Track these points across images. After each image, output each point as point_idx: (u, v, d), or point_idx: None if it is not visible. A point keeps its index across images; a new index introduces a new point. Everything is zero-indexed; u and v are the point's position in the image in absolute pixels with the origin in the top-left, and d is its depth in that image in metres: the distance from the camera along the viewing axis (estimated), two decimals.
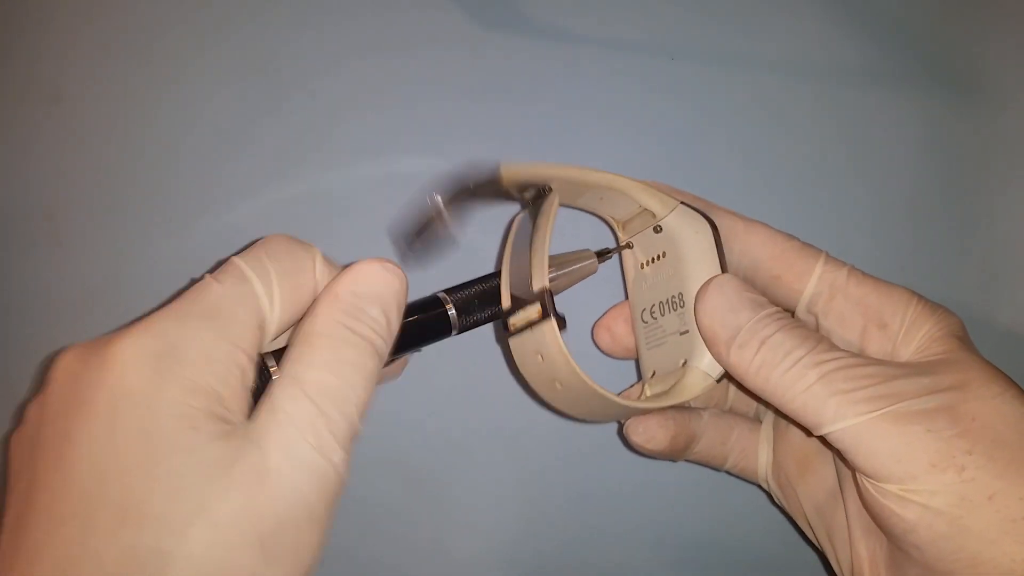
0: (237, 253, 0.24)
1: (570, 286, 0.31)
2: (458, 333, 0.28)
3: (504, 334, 0.27)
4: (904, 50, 0.40)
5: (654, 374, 0.31)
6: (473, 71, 0.38)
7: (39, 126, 0.37)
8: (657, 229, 0.31)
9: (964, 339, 0.27)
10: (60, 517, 0.19)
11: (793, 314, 0.29)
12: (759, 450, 0.32)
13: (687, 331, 0.30)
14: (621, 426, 0.33)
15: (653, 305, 0.32)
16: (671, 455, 0.32)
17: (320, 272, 0.24)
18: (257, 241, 0.24)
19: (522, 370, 0.28)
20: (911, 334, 0.27)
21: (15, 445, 0.21)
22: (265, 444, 0.20)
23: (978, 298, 0.38)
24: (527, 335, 0.27)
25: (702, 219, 0.30)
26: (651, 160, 0.38)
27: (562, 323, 0.26)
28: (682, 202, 0.30)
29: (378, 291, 0.23)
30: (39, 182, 0.37)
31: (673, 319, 0.31)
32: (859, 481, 0.25)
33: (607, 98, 0.38)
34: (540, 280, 0.26)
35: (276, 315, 0.23)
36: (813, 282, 0.28)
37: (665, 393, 0.30)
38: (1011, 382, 0.25)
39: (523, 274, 0.27)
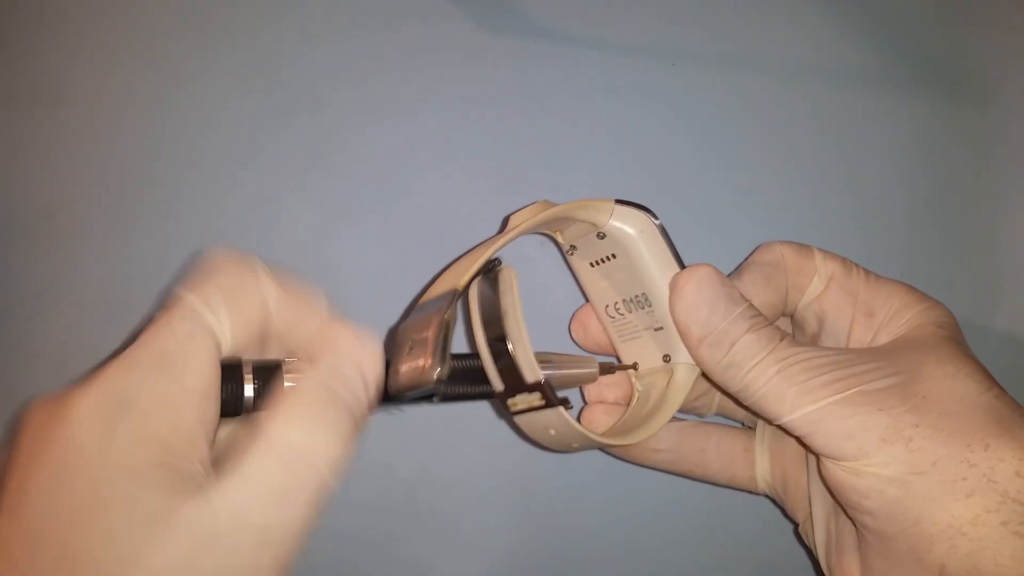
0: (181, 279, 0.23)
1: (564, 388, 0.30)
2: (439, 402, 0.27)
3: (505, 413, 0.28)
4: (904, 54, 0.40)
5: (638, 367, 0.32)
6: (478, 79, 0.38)
7: (40, 127, 0.38)
8: (600, 236, 0.31)
9: (946, 327, 0.28)
10: (9, 562, 0.20)
11: (795, 311, 0.30)
12: (756, 455, 0.33)
13: (661, 327, 0.30)
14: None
15: (616, 302, 0.32)
16: (623, 450, 0.32)
17: (266, 288, 0.24)
18: (197, 262, 0.24)
19: (532, 437, 0.28)
20: (893, 323, 0.28)
21: None
22: (218, 503, 0.20)
23: (977, 303, 0.39)
24: (533, 415, 0.27)
25: (641, 214, 0.30)
26: (653, 164, 0.38)
27: (568, 405, 0.26)
28: (617, 201, 0.30)
29: (357, 358, 0.23)
30: (40, 182, 0.37)
31: (642, 317, 0.31)
32: (820, 463, 0.27)
33: (610, 103, 0.38)
34: (532, 374, 0.26)
35: (229, 342, 0.23)
36: (819, 279, 0.30)
37: (662, 401, 0.30)
38: (967, 361, 0.26)
39: (509, 362, 0.27)
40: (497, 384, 0.27)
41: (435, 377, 0.24)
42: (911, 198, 0.39)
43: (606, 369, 0.31)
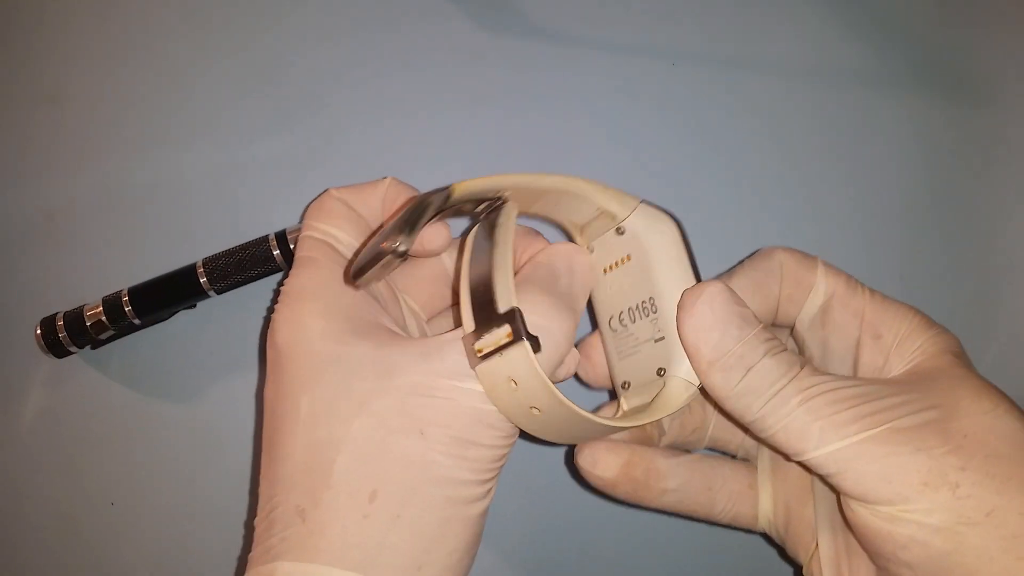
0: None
1: None
2: (217, 294, 0.34)
3: (470, 361, 0.25)
4: (904, 54, 0.40)
5: (629, 385, 0.29)
6: (478, 79, 0.38)
7: (39, 126, 0.38)
8: (620, 231, 0.29)
9: (960, 356, 0.26)
10: (283, 432, 0.25)
11: (794, 326, 0.29)
12: (760, 492, 0.30)
13: (662, 338, 0.27)
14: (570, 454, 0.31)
15: (621, 312, 0.30)
16: (631, 491, 0.30)
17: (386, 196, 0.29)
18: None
19: (491, 396, 0.25)
20: (904, 347, 0.26)
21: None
22: (436, 362, 0.25)
23: (977, 303, 0.38)
24: (496, 360, 0.24)
25: (666, 217, 0.28)
26: (653, 163, 0.38)
27: (536, 345, 0.24)
28: (643, 201, 0.29)
29: (570, 265, 0.29)
30: (39, 182, 0.37)
31: (645, 325, 0.28)
32: (846, 504, 0.24)
33: (610, 103, 0.38)
34: (507, 300, 0.24)
35: (348, 241, 0.28)
36: (816, 293, 0.28)
37: (646, 407, 0.27)
38: (1003, 396, 0.24)
39: (486, 294, 0.25)
40: (468, 323, 0.25)
41: (393, 246, 0.24)
42: (911, 198, 0.39)
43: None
